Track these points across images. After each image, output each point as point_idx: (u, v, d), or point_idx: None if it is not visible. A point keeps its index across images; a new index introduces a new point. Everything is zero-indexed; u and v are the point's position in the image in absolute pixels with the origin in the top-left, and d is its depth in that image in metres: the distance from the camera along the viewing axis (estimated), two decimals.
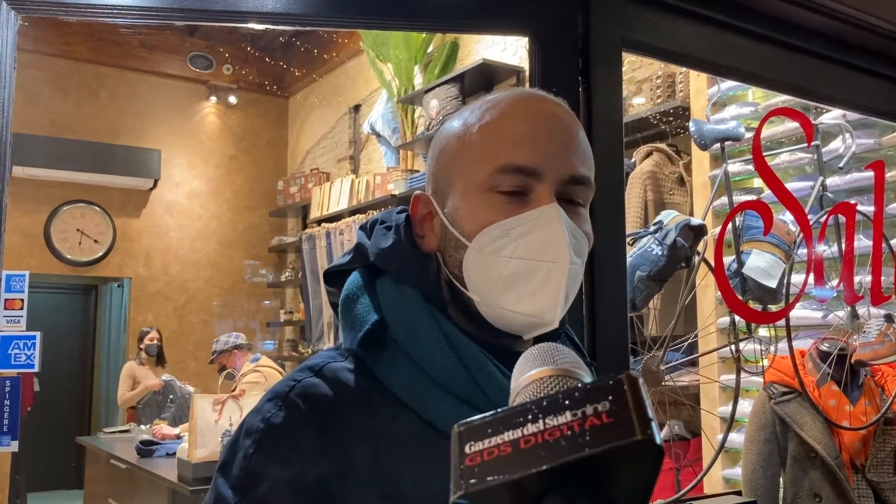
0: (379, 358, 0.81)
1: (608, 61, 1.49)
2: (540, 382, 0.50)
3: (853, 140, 2.49)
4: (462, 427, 0.46)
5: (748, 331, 2.22)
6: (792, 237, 2.13)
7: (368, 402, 0.79)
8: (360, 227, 0.92)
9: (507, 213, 0.79)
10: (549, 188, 0.79)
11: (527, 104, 0.83)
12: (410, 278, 0.84)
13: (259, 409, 0.79)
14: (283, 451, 0.75)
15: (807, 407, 2.39)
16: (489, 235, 0.79)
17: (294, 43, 7.11)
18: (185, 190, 7.50)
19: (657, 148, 3.47)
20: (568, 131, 0.82)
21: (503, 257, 0.79)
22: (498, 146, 0.80)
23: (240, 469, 0.76)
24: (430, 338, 0.80)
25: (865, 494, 2.37)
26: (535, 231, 0.78)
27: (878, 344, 2.34)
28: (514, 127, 0.81)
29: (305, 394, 0.77)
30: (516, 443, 0.43)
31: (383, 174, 5.83)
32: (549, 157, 0.80)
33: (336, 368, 0.80)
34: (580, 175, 0.81)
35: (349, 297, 0.85)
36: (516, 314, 0.80)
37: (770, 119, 2.87)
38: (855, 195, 2.69)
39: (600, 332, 1.41)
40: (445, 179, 0.85)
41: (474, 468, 0.43)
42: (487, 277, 0.80)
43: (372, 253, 0.86)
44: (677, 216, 1.99)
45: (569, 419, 0.43)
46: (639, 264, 1.92)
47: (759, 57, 1.79)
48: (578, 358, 0.55)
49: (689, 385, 3.13)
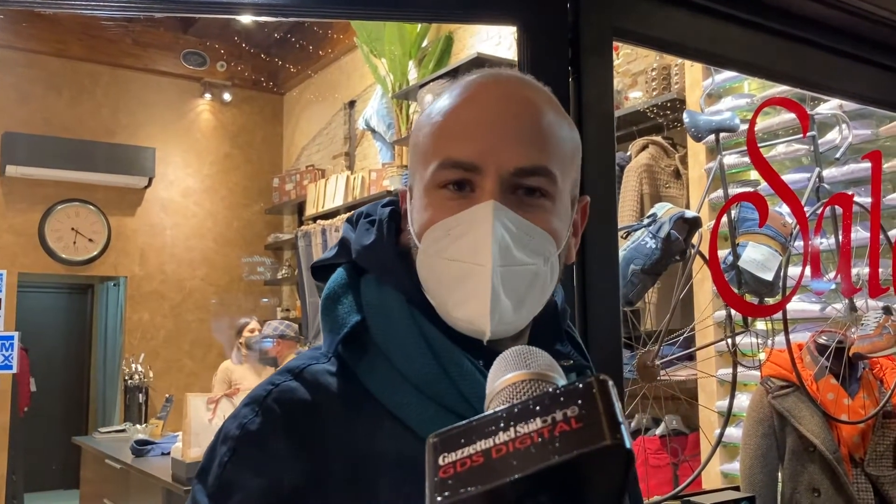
0: (361, 360, 0.77)
1: (599, 51, 1.46)
2: (513, 387, 0.50)
3: (850, 131, 2.47)
4: (436, 438, 0.45)
5: (745, 324, 2.19)
6: (788, 229, 2.11)
7: (349, 406, 0.75)
8: (347, 219, 0.89)
9: (449, 212, 0.75)
10: (492, 183, 0.74)
11: (482, 89, 0.78)
12: (392, 279, 0.80)
13: (236, 415, 0.76)
14: (256, 459, 0.72)
15: (805, 401, 2.37)
16: (432, 236, 0.76)
17: (288, 39, 7.08)
18: (179, 188, 7.47)
19: (653, 141, 3.44)
20: (522, 117, 0.76)
21: (444, 259, 0.75)
22: (440, 139, 0.76)
23: (215, 477, 0.73)
24: (410, 341, 0.76)
25: (864, 488, 2.35)
26: (470, 231, 0.74)
27: (877, 336, 2.31)
28: (456, 116, 0.76)
29: (283, 399, 0.74)
30: (488, 452, 0.43)
31: (379, 170, 5.80)
32: (491, 149, 0.74)
33: (317, 371, 0.77)
34: (529, 167, 0.75)
35: (330, 297, 0.82)
36: (457, 320, 0.76)
37: (765, 110, 2.85)
38: (852, 186, 2.67)
39: (592, 327, 1.38)
40: (410, 174, 0.83)
41: (447, 480, 0.43)
42: (434, 280, 0.77)
43: (354, 250, 0.83)
44: (671, 209, 1.96)
45: (539, 426, 0.43)
46: (633, 258, 1.89)
47: (754, 46, 1.76)
48: (552, 360, 0.54)
49: (686, 380, 3.10)
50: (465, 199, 0.75)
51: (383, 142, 5.94)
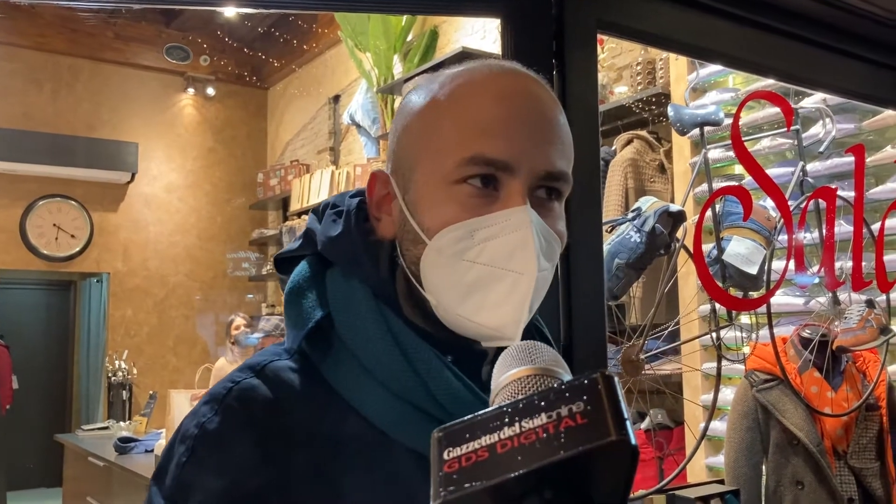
0: (325, 357, 0.75)
1: (583, 44, 1.45)
2: (519, 382, 0.50)
3: (833, 125, 2.48)
4: (441, 432, 0.45)
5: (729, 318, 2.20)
6: (772, 223, 2.11)
7: (313, 404, 0.73)
8: (312, 210, 0.85)
9: (472, 211, 0.72)
10: (522, 184, 0.71)
11: (502, 82, 0.75)
12: (359, 272, 0.77)
13: (195, 413, 0.73)
14: (218, 459, 0.69)
15: (789, 394, 2.38)
16: (451, 235, 0.72)
17: (272, 33, 7.04)
18: (163, 183, 7.42)
19: (638, 135, 3.44)
20: (547, 118, 0.74)
21: (465, 261, 0.72)
22: (468, 133, 0.72)
23: (172, 479, 0.70)
24: (377, 339, 0.73)
25: (847, 480, 2.37)
26: (502, 235, 0.71)
27: (860, 330, 2.33)
28: (486, 111, 0.72)
29: (243, 397, 0.71)
30: (493, 447, 0.43)
31: (364, 165, 5.78)
32: (524, 150, 0.71)
33: (279, 368, 0.74)
34: (557, 171, 0.74)
35: (294, 290, 0.78)
36: (474, 324, 0.73)
37: (750, 104, 2.85)
38: (836, 180, 2.68)
39: (577, 322, 1.37)
40: (407, 161, 0.77)
41: (452, 475, 0.43)
42: (446, 281, 0.73)
43: (320, 241, 0.79)
44: (656, 202, 1.96)
45: (544, 421, 0.43)
46: (617, 252, 1.89)
47: (739, 40, 1.75)
48: (558, 355, 0.54)
49: (671, 374, 3.11)
50: (490, 198, 0.72)
51: (368, 136, 5.92)
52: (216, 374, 4.88)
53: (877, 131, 2.80)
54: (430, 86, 0.78)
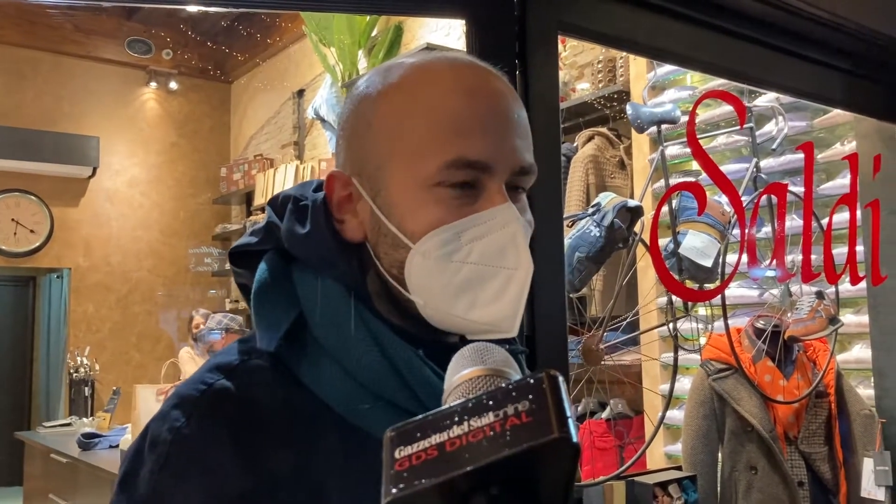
0: (300, 359, 0.72)
1: (545, 44, 1.50)
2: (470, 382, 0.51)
3: (785, 123, 2.56)
4: (393, 432, 0.46)
5: (685, 309, 2.27)
6: (727, 217, 2.19)
7: (288, 406, 0.71)
8: (269, 202, 0.81)
9: (456, 213, 0.71)
10: (500, 183, 0.72)
11: (467, 78, 0.74)
12: (331, 271, 0.75)
13: (164, 417, 0.69)
14: (195, 466, 0.67)
15: (743, 383, 2.46)
16: (438, 239, 0.71)
17: (236, 27, 6.99)
18: (125, 178, 7.34)
19: (598, 132, 3.51)
20: (512, 113, 0.74)
21: (454, 262, 0.71)
22: (444, 134, 0.71)
23: (147, 487, 0.67)
24: (356, 338, 0.72)
25: (798, 465, 2.46)
26: (490, 234, 0.71)
27: (810, 320, 2.42)
28: (458, 109, 0.71)
29: (218, 399, 0.69)
30: (442, 446, 0.44)
31: (328, 160, 5.79)
32: (500, 148, 0.72)
33: (251, 369, 0.72)
34: (528, 165, 0.74)
35: (262, 289, 0.75)
36: (469, 322, 0.73)
37: (707, 102, 2.94)
38: (789, 176, 2.77)
39: (539, 314, 1.42)
40: (374, 162, 0.74)
41: (403, 473, 0.44)
42: (435, 283, 0.72)
43: (285, 238, 0.76)
44: (615, 198, 2.02)
45: (491, 420, 0.44)
46: (577, 245, 1.95)
47: (693, 41, 1.82)
48: (509, 356, 0.55)
49: (631, 364, 3.19)
50: (471, 198, 0.72)
51: (333, 131, 5.91)
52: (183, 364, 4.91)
53: (827, 129, 2.90)
54: (387, 80, 0.75)
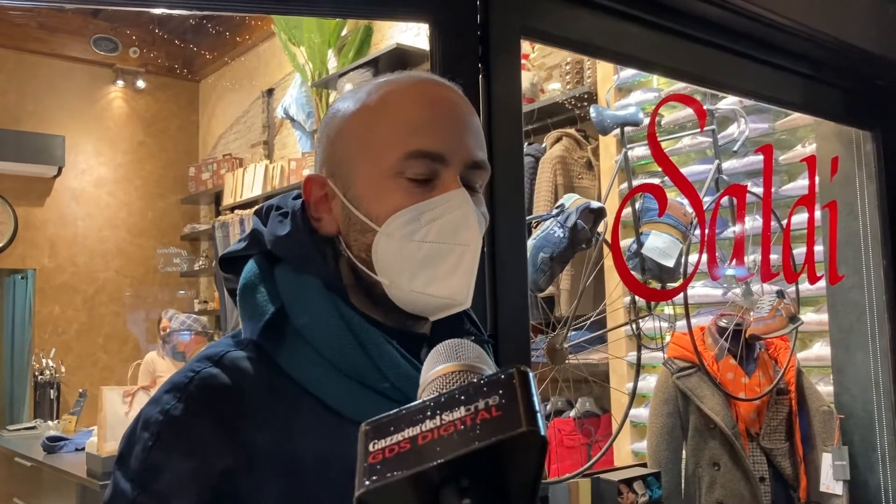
0: (280, 347, 0.80)
1: (508, 48, 1.52)
2: (444, 378, 0.53)
3: (747, 125, 2.61)
4: (368, 426, 0.48)
5: (648, 309, 2.31)
6: (688, 218, 2.23)
7: (270, 390, 0.78)
8: (255, 212, 0.92)
9: (416, 198, 0.81)
10: (454, 173, 0.82)
11: (427, 90, 0.85)
12: (310, 267, 0.84)
13: (157, 401, 0.77)
14: (184, 443, 0.74)
15: (706, 381, 2.50)
16: (401, 220, 0.80)
17: (204, 25, 6.94)
18: (91, 177, 7.24)
19: (566, 133, 3.55)
20: (465, 117, 0.85)
21: (415, 241, 0.80)
22: (404, 132, 0.81)
23: (138, 462, 0.74)
24: (331, 326, 0.80)
25: (759, 461, 2.51)
26: (445, 215, 0.81)
27: (770, 319, 2.47)
28: (417, 113, 0.82)
29: (205, 384, 0.77)
30: (415, 439, 0.45)
31: (298, 159, 5.76)
32: (453, 143, 0.82)
33: (236, 358, 0.80)
34: (480, 160, 0.85)
35: (247, 286, 0.85)
36: (428, 296, 0.82)
37: (672, 104, 2.98)
38: (751, 177, 2.82)
39: (502, 313, 1.44)
40: (346, 163, 0.85)
41: (376, 465, 0.45)
42: (398, 261, 0.81)
43: (269, 241, 0.86)
44: (578, 199, 2.05)
45: (462, 414, 0.46)
46: (542, 246, 1.98)
47: (656, 45, 1.85)
48: (482, 352, 0.58)
49: (598, 363, 3.23)
50: (429, 186, 0.82)
51: (303, 131, 5.90)
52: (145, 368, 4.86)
53: (789, 131, 2.95)
54: (356, 96, 0.87)
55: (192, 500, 0.73)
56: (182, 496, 0.73)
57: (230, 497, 0.73)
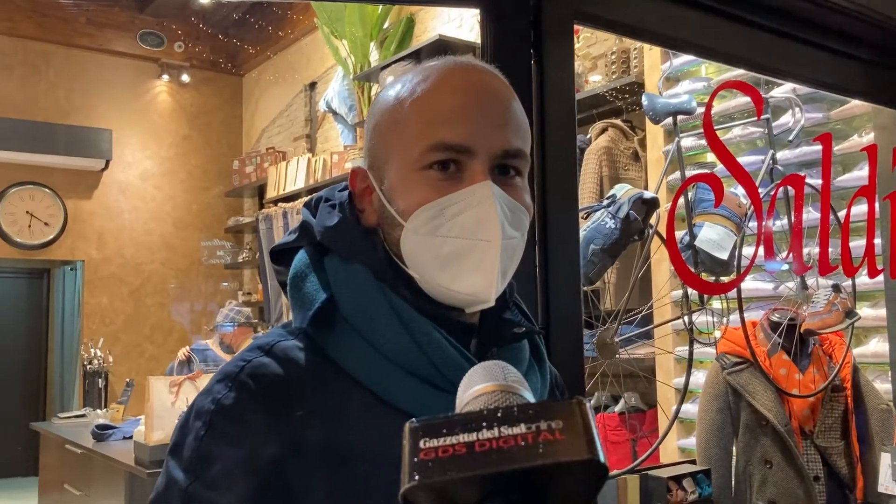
0: (330, 336, 0.80)
1: (561, 34, 1.48)
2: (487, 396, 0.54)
3: (802, 114, 2.53)
4: (416, 423, 0.48)
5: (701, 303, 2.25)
6: (743, 209, 2.17)
7: (320, 380, 0.78)
8: (305, 204, 0.91)
9: (441, 192, 0.79)
10: (483, 164, 0.79)
11: (458, 76, 0.83)
12: (359, 256, 0.83)
13: (209, 391, 0.78)
14: (235, 431, 0.74)
15: (758, 376, 2.44)
16: (424, 215, 0.79)
17: (247, 20, 6.99)
18: (137, 170, 7.36)
19: (612, 124, 3.49)
20: (500, 104, 0.82)
21: (439, 237, 0.79)
22: (429, 123, 0.80)
23: (191, 451, 0.75)
24: (380, 314, 0.80)
25: (813, 459, 2.44)
26: (469, 209, 0.78)
27: (826, 313, 2.39)
28: (445, 102, 0.80)
29: (256, 373, 0.77)
30: (471, 445, 0.46)
31: (340, 153, 5.78)
32: (481, 133, 0.79)
33: (286, 347, 0.79)
34: (514, 149, 0.81)
35: (297, 276, 0.84)
36: (453, 292, 0.81)
37: (722, 93, 2.91)
38: (804, 168, 2.74)
39: (554, 305, 1.41)
40: (381, 155, 0.84)
41: (428, 462, 0.46)
42: (424, 256, 0.80)
43: (318, 231, 0.85)
44: (630, 190, 2.00)
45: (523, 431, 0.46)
46: (592, 238, 1.93)
47: (711, 31, 1.79)
48: (521, 376, 0.59)
49: (644, 357, 3.17)
50: (454, 180, 0.79)
51: (345, 124, 5.91)
52: None
53: (844, 120, 2.86)
54: (395, 85, 0.85)
55: (243, 489, 0.73)
56: (234, 484, 0.73)
57: (280, 485, 0.73)
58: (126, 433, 4.21)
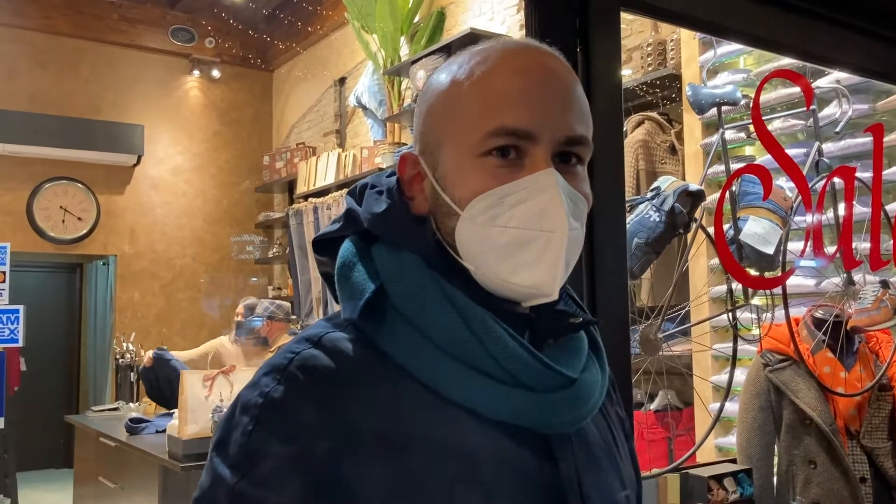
0: (380, 327, 0.76)
1: (607, 21, 1.44)
2: None
3: (850, 105, 2.46)
4: None
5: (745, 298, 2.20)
6: (789, 203, 2.11)
7: (371, 372, 0.75)
8: (349, 192, 0.87)
9: (500, 180, 0.75)
10: (545, 151, 0.75)
11: (519, 57, 0.79)
12: (409, 243, 0.79)
13: (256, 384, 0.74)
14: (285, 426, 0.71)
15: (802, 374, 2.38)
16: (482, 204, 0.76)
17: (277, 15, 7.00)
18: (169, 166, 7.41)
19: (648, 117, 3.43)
20: (564, 87, 0.78)
21: (497, 227, 0.75)
22: (489, 107, 0.76)
23: (238, 447, 0.71)
24: (434, 304, 0.76)
25: (860, 460, 2.38)
26: (531, 199, 0.75)
27: (874, 310, 2.33)
28: (505, 85, 0.76)
29: (305, 366, 0.73)
30: None
31: (370, 147, 5.76)
32: (545, 118, 0.75)
33: (335, 338, 0.76)
34: (577, 135, 0.78)
35: (345, 266, 0.80)
36: (513, 285, 0.77)
37: None
38: (848, 160, 2.67)
39: (600, 298, 1.38)
40: (435, 140, 0.80)
41: None
42: (482, 247, 0.77)
43: (365, 219, 0.81)
44: (675, 182, 1.95)
45: None
46: (636, 231, 1.89)
47: (759, 17, 1.75)
48: None
49: (681, 355, 3.12)
50: (514, 168, 0.76)
51: (375, 119, 5.90)
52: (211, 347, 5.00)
53: (891, 112, 2.78)
54: (449, 67, 0.81)
55: (295, 487, 0.69)
56: (284, 482, 0.69)
57: (334, 480, 0.70)
58: (159, 427, 4.24)
